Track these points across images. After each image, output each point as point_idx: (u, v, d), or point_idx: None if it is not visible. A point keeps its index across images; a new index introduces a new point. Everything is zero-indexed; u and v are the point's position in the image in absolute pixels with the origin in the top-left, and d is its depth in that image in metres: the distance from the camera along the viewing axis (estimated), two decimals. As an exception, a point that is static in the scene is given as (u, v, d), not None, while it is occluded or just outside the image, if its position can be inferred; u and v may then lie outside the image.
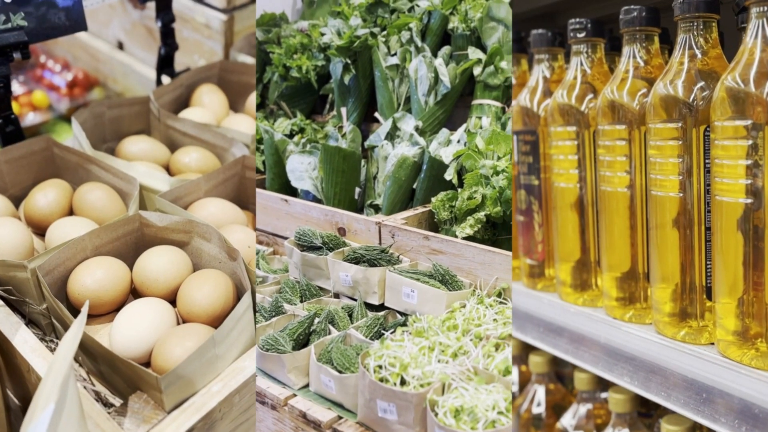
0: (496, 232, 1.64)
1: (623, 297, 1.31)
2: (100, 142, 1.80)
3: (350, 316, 1.50)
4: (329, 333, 1.41)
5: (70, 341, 1.01)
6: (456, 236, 1.61)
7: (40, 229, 1.53)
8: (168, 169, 1.73)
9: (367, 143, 1.97)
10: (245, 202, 1.69)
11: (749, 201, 1.03)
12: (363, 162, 1.96)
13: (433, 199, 1.71)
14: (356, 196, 1.94)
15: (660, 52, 1.29)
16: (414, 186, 1.85)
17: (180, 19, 2.21)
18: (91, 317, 1.38)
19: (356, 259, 1.58)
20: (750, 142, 1.01)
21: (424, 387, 1.15)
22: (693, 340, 1.17)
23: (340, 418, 1.25)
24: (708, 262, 1.15)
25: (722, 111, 1.05)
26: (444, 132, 1.84)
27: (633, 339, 1.26)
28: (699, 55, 1.15)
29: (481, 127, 1.80)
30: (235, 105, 2.02)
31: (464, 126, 1.85)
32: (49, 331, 1.39)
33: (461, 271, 1.52)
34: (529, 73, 1.61)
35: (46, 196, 1.53)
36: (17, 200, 1.62)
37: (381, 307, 1.55)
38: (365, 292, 1.55)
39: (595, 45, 1.40)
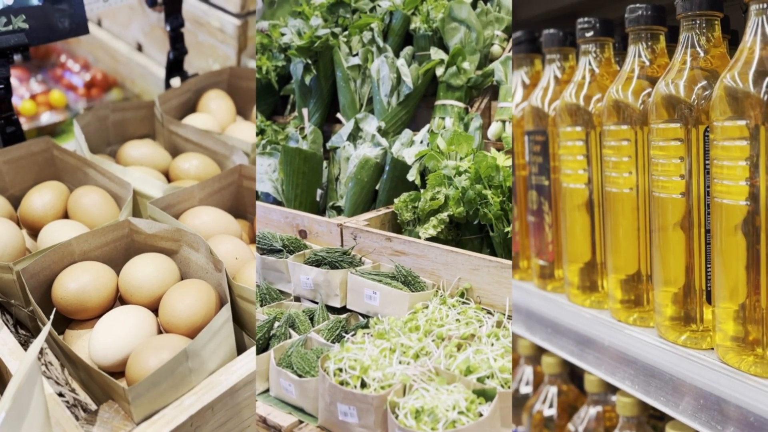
0: (459, 233, 1.64)
1: (628, 300, 1.30)
2: (105, 144, 1.80)
3: (311, 319, 1.48)
4: (289, 337, 1.40)
5: (32, 350, 1.01)
6: (419, 237, 1.60)
7: (35, 231, 1.54)
8: (168, 175, 1.72)
9: (329, 144, 1.96)
10: (243, 212, 1.68)
11: (748, 203, 1.00)
12: (325, 163, 1.95)
13: (396, 200, 1.70)
14: (318, 198, 1.93)
15: (666, 52, 1.27)
16: (377, 187, 1.84)
17: (195, 23, 2.22)
18: (76, 322, 1.38)
19: (317, 262, 1.57)
20: (749, 142, 0.99)
21: (384, 389, 1.15)
22: (694, 345, 1.15)
23: (301, 422, 1.24)
24: (708, 266, 1.13)
25: (721, 111, 1.03)
26: (407, 133, 1.84)
27: (634, 342, 1.25)
28: (702, 54, 1.13)
29: (444, 128, 1.79)
30: (244, 111, 2.01)
31: (427, 126, 1.84)
32: (36, 332, 1.39)
33: (424, 272, 1.51)
34: (543, 74, 1.60)
35: (42, 197, 1.54)
36: (18, 200, 1.63)
37: (343, 309, 1.54)
38: (327, 294, 1.54)
39: (603, 44, 1.39)
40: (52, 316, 1.12)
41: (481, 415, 1.08)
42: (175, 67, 1.95)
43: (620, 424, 1.40)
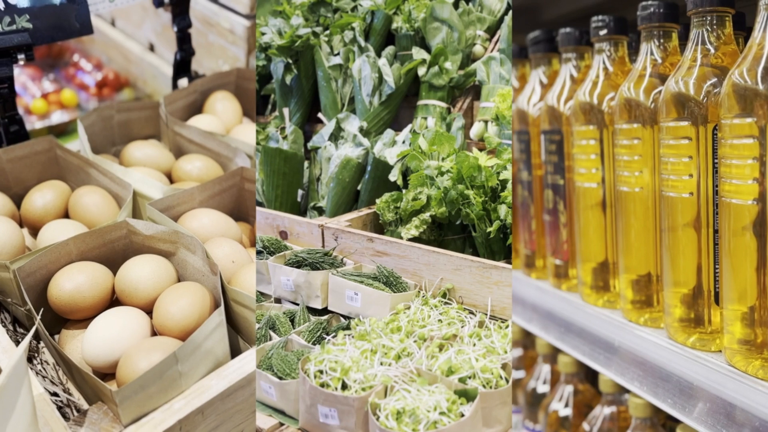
0: (441, 233, 1.64)
1: (639, 300, 1.30)
2: (110, 145, 1.81)
3: (292, 321, 1.48)
4: (270, 339, 1.40)
5: (18, 350, 1.01)
6: (401, 237, 1.60)
7: (35, 229, 1.55)
8: (171, 176, 1.72)
9: (310, 144, 1.95)
10: (245, 215, 1.67)
11: (757, 203, 0.98)
12: (306, 164, 1.95)
13: (378, 201, 1.70)
14: (299, 199, 1.93)
15: (678, 50, 1.26)
16: (358, 187, 1.84)
17: (206, 24, 2.22)
18: (72, 322, 1.38)
19: (298, 263, 1.56)
20: (757, 140, 0.97)
21: (365, 390, 1.15)
22: (703, 347, 1.14)
23: (282, 424, 1.24)
24: (717, 267, 1.12)
25: (729, 108, 1.01)
26: (389, 133, 1.83)
27: (643, 343, 1.25)
28: (712, 51, 1.11)
29: (426, 128, 1.79)
30: (251, 113, 2.01)
31: (409, 126, 1.84)
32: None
33: (406, 273, 1.51)
34: (559, 73, 1.60)
35: (44, 196, 1.55)
36: (21, 199, 1.63)
37: (324, 311, 1.53)
38: (307, 296, 1.53)
39: (617, 43, 1.39)
40: (39, 315, 1.11)
41: (462, 415, 1.08)
42: (182, 67, 1.95)
43: (633, 425, 1.40)
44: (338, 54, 1.99)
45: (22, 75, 2.45)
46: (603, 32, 1.37)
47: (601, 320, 1.37)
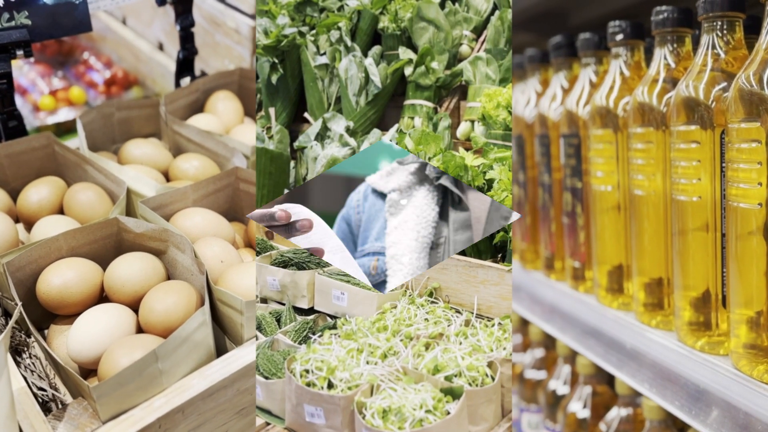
0: None
1: (651, 303, 1.31)
2: (110, 142, 1.82)
3: (278, 321, 1.48)
4: (256, 339, 1.38)
5: (-5, 344, 1.01)
6: None
7: (30, 225, 1.55)
8: (168, 175, 1.73)
9: (296, 144, 1.95)
10: (240, 215, 1.67)
11: (763, 207, 0.98)
12: (292, 163, 1.94)
13: None
14: None
15: (692, 54, 1.26)
16: None
17: (213, 23, 2.23)
18: (61, 318, 1.38)
19: (284, 263, 1.56)
20: (763, 144, 0.97)
21: (351, 389, 1.15)
22: (711, 350, 1.14)
23: (268, 424, 1.24)
24: (725, 271, 1.12)
25: (736, 112, 1.01)
26: (375, 132, 1.83)
27: (653, 345, 1.25)
28: (722, 56, 1.12)
29: (413, 128, 1.79)
30: (253, 113, 2.01)
31: (396, 126, 1.84)
32: (24, 325, 1.40)
33: None
34: (579, 78, 1.61)
35: (39, 192, 1.56)
36: (18, 194, 1.65)
37: (311, 310, 1.53)
38: (294, 296, 1.53)
39: (633, 47, 1.39)
40: (20, 307, 1.12)
41: (448, 413, 1.08)
42: (185, 66, 1.96)
43: (647, 427, 1.40)
44: (324, 54, 1.99)
45: (31, 72, 2.48)
46: (619, 37, 1.38)
47: (614, 322, 1.38)
